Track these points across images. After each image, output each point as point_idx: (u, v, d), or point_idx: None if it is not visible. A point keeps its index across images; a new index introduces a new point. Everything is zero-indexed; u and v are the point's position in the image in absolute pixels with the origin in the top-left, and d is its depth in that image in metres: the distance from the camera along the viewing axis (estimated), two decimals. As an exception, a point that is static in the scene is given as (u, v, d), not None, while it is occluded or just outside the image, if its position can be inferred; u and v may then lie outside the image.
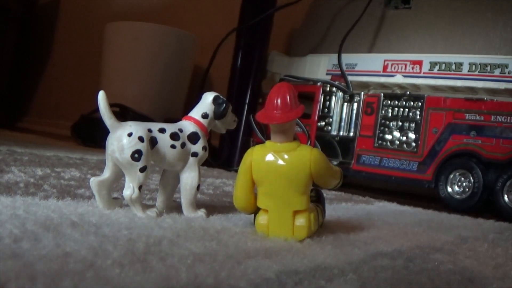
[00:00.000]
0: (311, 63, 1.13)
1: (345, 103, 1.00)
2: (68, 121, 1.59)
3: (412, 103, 0.91)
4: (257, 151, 0.37)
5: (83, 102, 1.57)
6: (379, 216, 0.57)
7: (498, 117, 0.80)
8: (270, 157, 0.36)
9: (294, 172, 0.35)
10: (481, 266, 0.34)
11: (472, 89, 0.89)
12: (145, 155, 0.37)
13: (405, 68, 0.96)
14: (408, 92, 0.92)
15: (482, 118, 0.82)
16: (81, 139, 1.43)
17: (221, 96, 0.43)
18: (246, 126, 1.17)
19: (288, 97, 0.35)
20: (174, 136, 0.39)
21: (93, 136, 1.36)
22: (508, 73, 0.85)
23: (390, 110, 0.93)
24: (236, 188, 0.38)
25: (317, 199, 0.43)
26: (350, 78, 1.02)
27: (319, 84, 1.02)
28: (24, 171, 0.56)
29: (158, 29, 1.55)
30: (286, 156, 0.35)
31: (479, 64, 0.88)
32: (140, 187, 0.37)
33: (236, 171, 0.38)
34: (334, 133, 1.00)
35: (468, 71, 0.89)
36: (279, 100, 0.35)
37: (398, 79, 0.97)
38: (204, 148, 0.41)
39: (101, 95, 0.37)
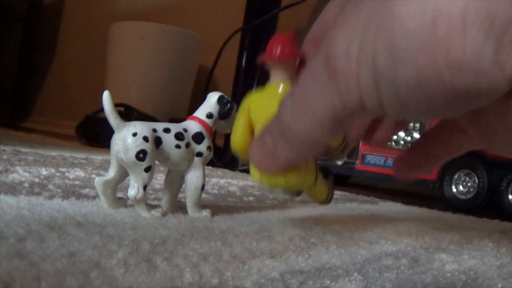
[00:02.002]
0: (316, 63, 1.12)
1: (350, 103, 1.00)
2: (73, 121, 1.60)
3: (416, 103, 0.90)
4: (256, 92, 0.37)
5: (88, 102, 1.57)
6: (384, 216, 0.57)
7: (503, 116, 0.80)
8: (269, 94, 0.36)
9: None
10: (486, 266, 0.34)
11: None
12: (150, 155, 0.37)
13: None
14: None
15: (487, 118, 0.82)
16: (86, 139, 1.44)
17: (225, 96, 0.43)
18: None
19: (291, 40, 0.35)
20: (179, 136, 0.39)
21: (98, 136, 1.36)
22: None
23: (394, 110, 0.93)
24: (234, 130, 0.38)
25: (325, 177, 0.42)
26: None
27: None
28: (29, 171, 0.56)
29: (163, 29, 1.56)
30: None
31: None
32: (145, 187, 0.37)
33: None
34: (338, 133, 1.00)
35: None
36: (280, 43, 0.35)
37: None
38: (209, 148, 0.41)
39: (106, 95, 0.37)
